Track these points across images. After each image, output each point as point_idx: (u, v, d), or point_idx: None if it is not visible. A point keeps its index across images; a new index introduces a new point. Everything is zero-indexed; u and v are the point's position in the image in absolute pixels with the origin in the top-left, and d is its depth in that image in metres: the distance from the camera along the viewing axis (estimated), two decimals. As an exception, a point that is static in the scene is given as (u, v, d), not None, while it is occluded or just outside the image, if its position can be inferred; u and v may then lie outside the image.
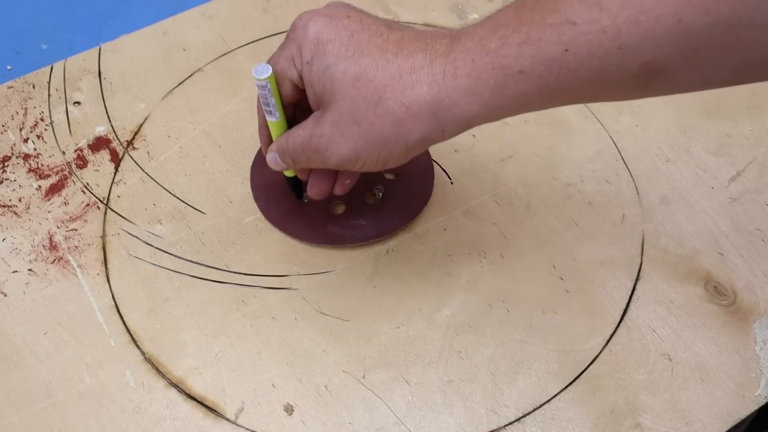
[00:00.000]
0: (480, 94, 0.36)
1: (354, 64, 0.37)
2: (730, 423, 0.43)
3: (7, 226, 0.51)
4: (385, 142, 0.38)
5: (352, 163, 0.39)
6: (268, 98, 0.41)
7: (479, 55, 0.35)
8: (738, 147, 0.55)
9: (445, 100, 0.36)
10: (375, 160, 0.39)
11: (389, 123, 0.37)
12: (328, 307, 0.47)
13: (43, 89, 0.59)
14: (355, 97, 0.37)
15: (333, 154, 0.39)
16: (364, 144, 0.38)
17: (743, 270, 0.49)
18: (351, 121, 0.38)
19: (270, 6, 0.64)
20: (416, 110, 0.36)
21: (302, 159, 0.41)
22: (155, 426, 0.43)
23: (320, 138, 0.39)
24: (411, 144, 0.38)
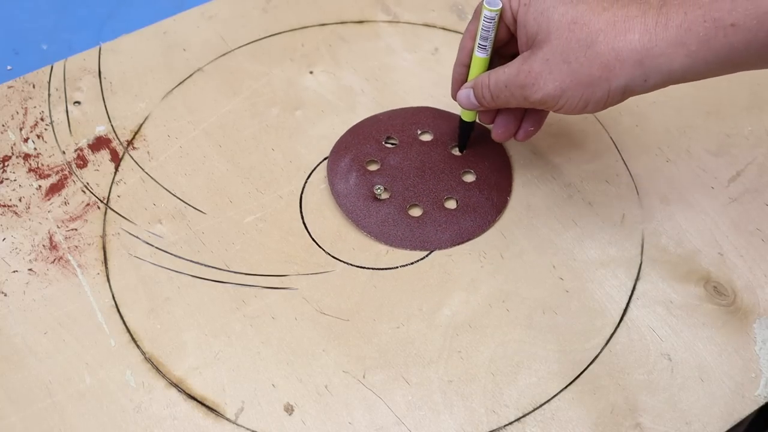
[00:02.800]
0: (687, 46, 0.38)
1: (572, 8, 0.40)
2: (730, 423, 0.43)
3: (7, 226, 0.51)
4: (591, 83, 0.40)
5: (555, 100, 0.41)
6: (490, 31, 0.44)
7: (692, 8, 0.37)
8: (738, 147, 0.55)
9: (654, 50, 0.38)
10: (576, 101, 0.41)
11: (598, 65, 0.39)
12: (328, 307, 0.47)
13: (43, 89, 0.59)
14: (569, 38, 0.40)
15: (539, 89, 0.41)
16: (571, 83, 0.40)
17: (743, 270, 0.49)
18: (561, 60, 0.40)
19: (270, 6, 0.64)
20: (625, 56, 0.39)
21: (503, 95, 0.44)
22: (155, 426, 0.43)
23: (528, 74, 0.41)
24: (613, 89, 0.40)
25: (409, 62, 0.60)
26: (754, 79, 0.60)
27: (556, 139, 0.56)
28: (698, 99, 0.58)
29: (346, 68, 0.60)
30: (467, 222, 0.51)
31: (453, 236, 0.50)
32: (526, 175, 0.54)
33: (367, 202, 0.51)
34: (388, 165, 0.53)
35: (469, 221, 0.51)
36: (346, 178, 0.52)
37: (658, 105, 0.58)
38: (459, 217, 0.51)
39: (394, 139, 0.54)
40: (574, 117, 0.57)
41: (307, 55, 0.61)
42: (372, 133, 0.55)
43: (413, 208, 0.51)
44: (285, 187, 0.53)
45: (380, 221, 0.50)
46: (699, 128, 0.57)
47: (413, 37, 0.62)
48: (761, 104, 0.58)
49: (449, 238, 0.50)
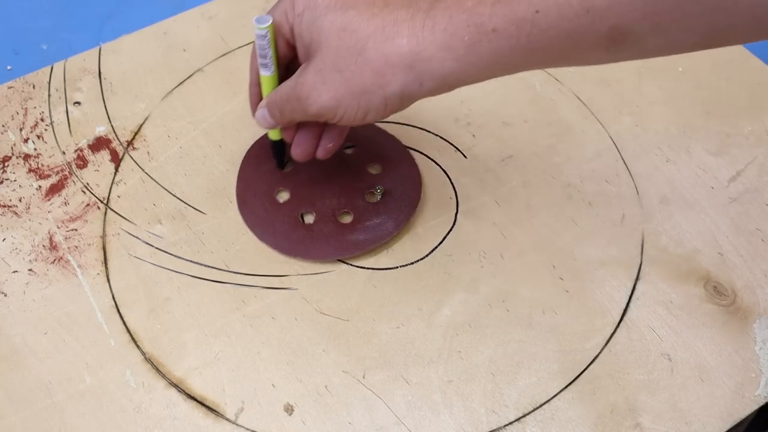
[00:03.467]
0: (455, 50, 0.37)
1: (341, 15, 0.39)
2: (730, 423, 0.43)
3: (7, 226, 0.51)
4: (365, 91, 0.39)
5: (333, 111, 0.40)
6: (266, 49, 0.42)
7: (456, 12, 0.37)
8: (738, 147, 0.55)
9: (422, 53, 0.37)
10: (355, 110, 0.40)
11: (369, 72, 0.38)
12: (328, 307, 0.47)
13: (43, 89, 0.59)
14: (339, 46, 0.39)
15: (314, 102, 0.40)
16: (345, 92, 0.39)
17: (743, 270, 0.49)
18: (333, 69, 0.39)
19: (270, 6, 0.64)
20: (395, 61, 0.38)
21: (287, 110, 0.43)
22: (155, 426, 0.43)
23: (303, 86, 0.40)
24: (389, 95, 0.39)
25: (409, 62, 0.60)
26: (754, 79, 0.60)
27: (556, 139, 0.56)
28: (698, 99, 0.58)
29: (346, 68, 0.60)
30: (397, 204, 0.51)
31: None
32: (526, 175, 0.54)
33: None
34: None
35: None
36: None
37: (658, 105, 0.58)
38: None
39: None
40: (574, 117, 0.57)
41: (307, 55, 0.61)
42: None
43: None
44: (285, 187, 0.53)
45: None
46: (699, 128, 0.57)
47: (413, 37, 0.62)
48: (761, 104, 0.58)
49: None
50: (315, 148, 0.47)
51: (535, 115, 0.57)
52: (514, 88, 0.59)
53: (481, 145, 0.56)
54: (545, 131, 0.56)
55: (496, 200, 0.53)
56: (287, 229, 0.50)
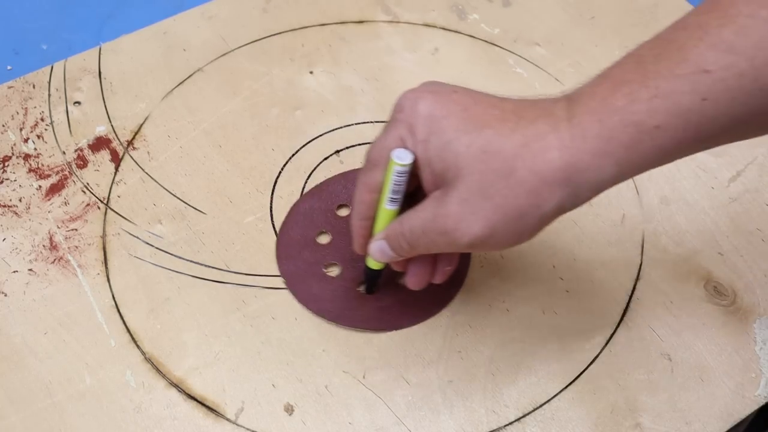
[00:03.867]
0: (613, 154, 0.34)
1: (477, 136, 0.36)
2: (730, 423, 0.43)
3: (8, 226, 0.51)
4: (521, 215, 0.35)
5: (485, 240, 0.36)
6: (402, 185, 0.39)
7: (606, 115, 0.34)
8: (738, 147, 0.55)
9: (578, 164, 0.34)
10: (509, 236, 0.36)
11: (524, 194, 0.35)
12: (328, 307, 0.47)
13: (43, 89, 0.59)
14: (484, 170, 0.35)
15: (464, 234, 0.36)
16: (498, 219, 0.36)
17: (743, 270, 0.49)
18: (482, 196, 0.35)
19: (270, 6, 0.64)
20: (550, 178, 0.35)
21: (422, 243, 0.38)
22: (155, 426, 0.43)
23: (447, 218, 0.36)
24: (546, 214, 0.36)
25: (409, 62, 0.60)
26: (754, 79, 0.60)
27: (556, 139, 0.56)
28: (698, 99, 0.58)
29: (346, 68, 0.60)
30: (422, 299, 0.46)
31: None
32: (526, 175, 0.54)
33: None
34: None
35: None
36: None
37: (658, 105, 0.58)
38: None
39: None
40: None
41: (307, 55, 0.61)
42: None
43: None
44: (285, 187, 0.53)
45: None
46: (699, 128, 0.57)
47: (413, 37, 0.62)
48: (761, 104, 0.58)
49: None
50: (431, 275, 0.43)
51: (535, 115, 0.57)
52: (514, 88, 0.59)
53: (481, 145, 0.55)
54: (545, 131, 0.56)
55: (496, 200, 0.52)
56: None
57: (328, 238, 0.50)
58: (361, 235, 0.42)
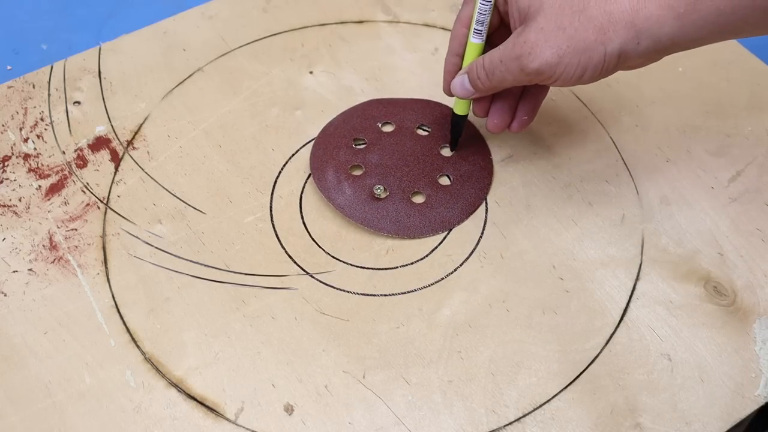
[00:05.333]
0: (676, 8, 0.38)
1: None
2: (730, 423, 0.43)
3: (7, 226, 0.51)
4: (587, 47, 0.40)
5: (552, 69, 0.41)
6: (486, 15, 0.44)
7: None
8: (738, 147, 0.55)
9: (643, 11, 0.39)
10: (574, 67, 0.41)
11: (592, 29, 0.40)
12: (328, 307, 0.47)
13: (43, 89, 0.59)
14: (562, 5, 0.41)
15: (536, 58, 0.41)
16: (567, 49, 0.40)
17: (743, 270, 0.49)
18: (556, 27, 0.40)
19: (270, 6, 0.64)
20: (617, 17, 0.40)
21: (498, 72, 0.43)
22: (155, 426, 0.43)
23: (524, 44, 0.41)
24: (609, 52, 0.40)
25: (409, 62, 0.60)
26: (754, 79, 0.60)
27: (556, 139, 0.56)
28: (698, 99, 0.58)
29: (346, 68, 0.60)
30: (468, 191, 0.52)
31: (463, 209, 0.51)
32: (526, 175, 0.54)
33: (372, 206, 0.51)
34: (371, 164, 0.53)
35: (470, 189, 0.52)
36: (341, 190, 0.52)
37: (658, 105, 0.58)
38: (459, 189, 0.52)
39: (361, 140, 0.55)
40: (574, 117, 0.57)
41: (307, 55, 0.61)
42: (338, 139, 0.55)
43: (416, 196, 0.52)
44: (285, 187, 0.53)
45: (393, 219, 0.51)
46: (699, 128, 0.57)
47: (413, 37, 0.62)
48: (761, 104, 0.58)
49: (460, 211, 0.51)
50: (510, 121, 0.49)
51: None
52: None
53: (481, 145, 0.56)
54: (545, 131, 0.56)
55: (496, 200, 0.53)
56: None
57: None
58: (449, 71, 0.48)
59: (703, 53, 0.61)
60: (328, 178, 0.52)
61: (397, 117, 0.56)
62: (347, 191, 0.52)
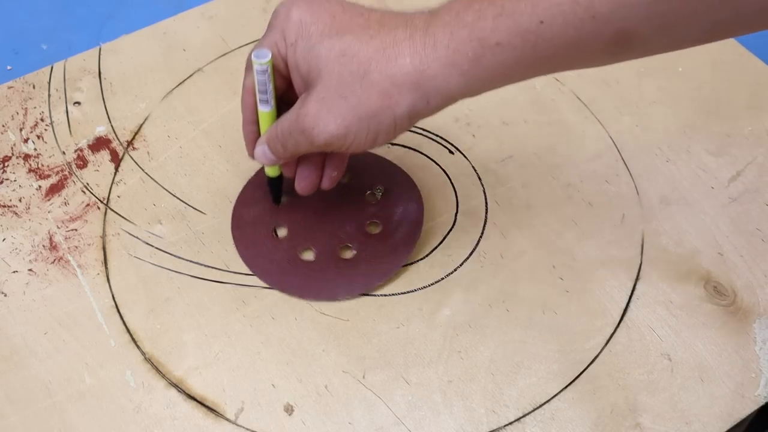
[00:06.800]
0: (459, 66, 0.37)
1: (338, 41, 0.38)
2: (730, 423, 0.43)
3: (7, 226, 0.51)
4: (374, 114, 0.38)
5: (342, 139, 0.39)
6: (266, 84, 0.41)
7: (456, 28, 0.36)
8: (738, 147, 0.55)
9: (427, 71, 0.37)
10: (365, 135, 0.39)
11: (376, 95, 0.38)
12: (328, 307, 0.47)
13: (43, 89, 0.59)
14: (341, 72, 0.38)
15: (321, 132, 0.39)
16: (353, 118, 0.38)
17: (743, 270, 0.49)
18: (338, 96, 0.38)
19: (270, 6, 0.64)
20: (400, 81, 0.37)
21: (290, 143, 0.41)
22: (155, 426, 0.43)
23: (306, 116, 0.39)
24: (399, 115, 0.38)
25: (409, 62, 0.60)
26: (754, 79, 0.60)
27: (556, 139, 0.56)
28: (698, 99, 0.58)
29: (346, 68, 0.60)
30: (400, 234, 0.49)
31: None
32: (526, 175, 0.54)
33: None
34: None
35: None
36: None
37: (658, 105, 0.58)
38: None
39: None
40: (574, 117, 0.57)
41: (307, 55, 0.61)
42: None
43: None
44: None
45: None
46: (699, 128, 0.57)
47: (413, 37, 0.62)
48: (761, 104, 0.58)
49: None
50: (319, 180, 0.46)
51: (535, 115, 0.57)
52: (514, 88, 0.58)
53: (481, 145, 0.56)
54: (545, 131, 0.56)
55: (496, 200, 0.53)
56: (286, 266, 0.48)
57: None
58: (249, 140, 0.46)
59: (703, 53, 0.61)
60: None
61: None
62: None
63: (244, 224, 0.51)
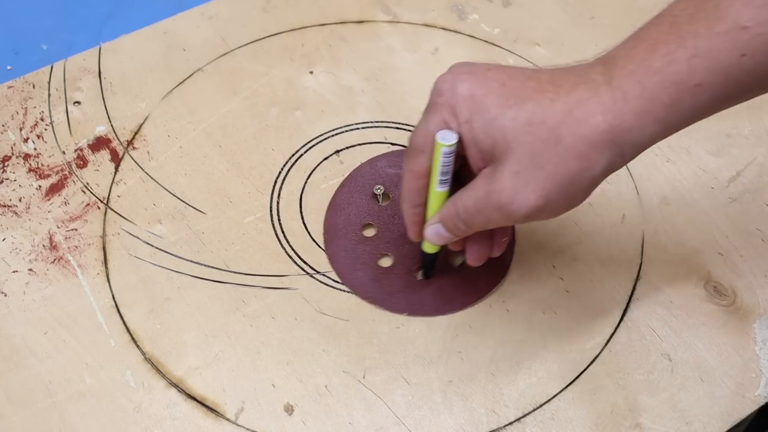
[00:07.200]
0: (654, 114, 0.35)
1: (520, 110, 0.37)
2: (730, 423, 0.43)
3: (7, 226, 0.51)
4: (572, 180, 0.37)
5: (541, 210, 0.37)
6: (450, 165, 0.40)
7: (646, 76, 0.35)
8: (738, 147, 0.55)
9: (621, 126, 0.36)
10: (563, 201, 0.38)
11: (572, 159, 0.36)
12: (328, 307, 0.47)
13: (43, 89, 0.59)
14: (533, 142, 0.36)
15: (521, 206, 0.37)
16: (552, 187, 0.37)
17: (743, 270, 0.49)
18: (534, 167, 0.36)
19: (270, 6, 0.64)
20: (596, 141, 0.36)
21: (478, 221, 0.39)
22: (155, 426, 0.43)
23: (501, 193, 0.37)
24: (596, 175, 0.37)
25: (409, 62, 0.60)
26: (754, 79, 0.60)
27: (556, 139, 0.56)
28: (698, 99, 0.58)
29: (346, 68, 0.60)
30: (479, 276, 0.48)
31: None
32: (526, 175, 0.54)
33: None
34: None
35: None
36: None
37: (658, 105, 0.58)
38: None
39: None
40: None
41: (307, 55, 0.61)
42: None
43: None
44: (285, 187, 0.53)
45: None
46: (699, 128, 0.56)
47: (413, 37, 0.62)
48: (761, 104, 0.58)
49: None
50: (490, 249, 0.44)
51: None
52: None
53: (481, 145, 0.55)
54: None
55: (496, 200, 0.52)
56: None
57: (373, 230, 0.51)
58: (415, 222, 0.43)
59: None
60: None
61: None
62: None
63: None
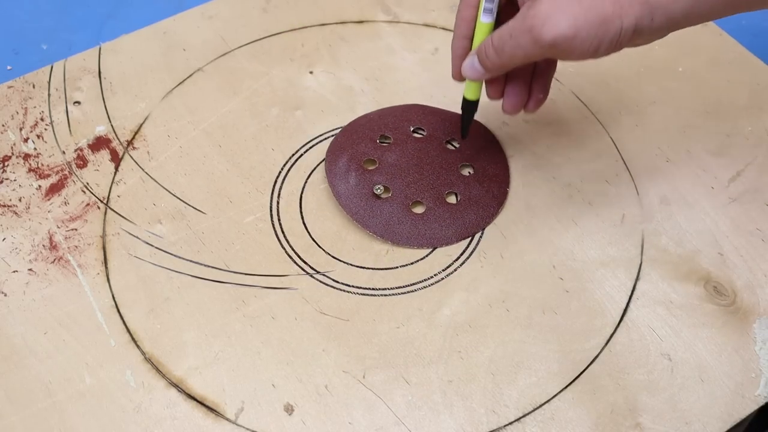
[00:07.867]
0: None
1: None
2: (730, 423, 0.43)
3: (7, 226, 0.51)
4: (603, 20, 0.39)
5: (569, 41, 0.39)
6: None
7: None
8: (738, 147, 0.55)
9: None
10: (591, 40, 0.39)
11: (609, 1, 0.38)
12: (328, 307, 0.47)
13: (43, 89, 0.59)
14: None
15: (550, 29, 0.39)
16: (584, 20, 0.39)
17: (743, 270, 0.49)
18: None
19: (270, 6, 0.64)
20: None
21: (508, 48, 0.41)
22: (155, 426, 0.43)
23: (536, 16, 0.39)
24: (625, 27, 0.39)
25: (409, 62, 0.60)
26: (754, 79, 0.60)
27: (556, 139, 0.56)
28: (698, 99, 0.58)
29: (346, 68, 0.60)
30: (470, 216, 0.51)
31: (457, 231, 0.50)
32: (526, 175, 0.54)
33: (369, 202, 0.51)
34: (385, 163, 0.53)
35: (472, 215, 0.51)
36: (346, 179, 0.52)
37: (658, 105, 0.58)
38: (461, 211, 0.51)
39: (388, 138, 0.54)
40: (574, 117, 0.57)
41: (307, 55, 0.61)
42: (365, 131, 0.55)
43: (416, 206, 0.51)
44: (285, 187, 0.53)
45: (384, 220, 0.50)
46: (699, 128, 0.57)
47: (413, 37, 0.62)
48: (761, 104, 0.58)
49: (453, 233, 0.50)
50: (526, 101, 0.47)
51: (535, 115, 0.57)
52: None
53: (481, 145, 0.56)
54: (545, 131, 0.56)
55: (496, 200, 0.53)
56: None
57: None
58: (458, 56, 0.46)
59: (703, 53, 0.61)
60: (339, 164, 0.52)
61: (432, 126, 0.55)
62: (351, 181, 0.52)
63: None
